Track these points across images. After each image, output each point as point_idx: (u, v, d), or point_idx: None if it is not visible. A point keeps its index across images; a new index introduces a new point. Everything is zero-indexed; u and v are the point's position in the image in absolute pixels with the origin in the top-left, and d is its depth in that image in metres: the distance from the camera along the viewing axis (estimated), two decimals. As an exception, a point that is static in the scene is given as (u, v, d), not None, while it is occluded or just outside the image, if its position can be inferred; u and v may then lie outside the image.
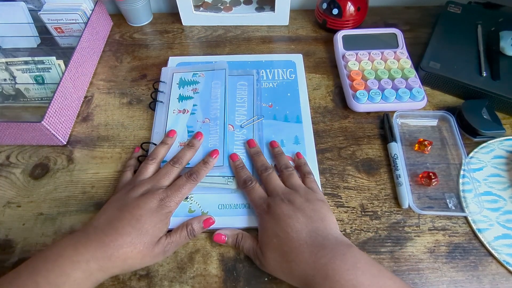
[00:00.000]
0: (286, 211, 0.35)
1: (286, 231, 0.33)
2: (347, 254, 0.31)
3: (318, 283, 0.30)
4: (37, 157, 0.46)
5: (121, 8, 0.61)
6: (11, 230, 0.40)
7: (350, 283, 0.29)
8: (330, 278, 0.30)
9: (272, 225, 0.35)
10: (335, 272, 0.30)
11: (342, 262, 0.30)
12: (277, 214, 0.35)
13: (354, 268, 0.30)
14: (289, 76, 0.53)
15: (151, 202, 0.36)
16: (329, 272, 0.30)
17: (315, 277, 0.30)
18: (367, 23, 0.61)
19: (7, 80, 0.50)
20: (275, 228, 0.34)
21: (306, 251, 0.32)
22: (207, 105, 0.49)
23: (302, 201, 0.36)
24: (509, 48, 0.49)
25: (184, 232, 0.37)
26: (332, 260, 0.31)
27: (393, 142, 0.44)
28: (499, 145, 0.45)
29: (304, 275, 0.31)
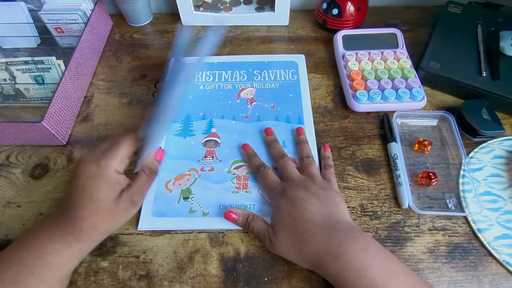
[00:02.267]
0: (301, 195, 0.36)
1: (300, 212, 0.34)
2: (359, 237, 0.32)
3: (330, 262, 0.31)
4: (37, 157, 0.46)
5: (121, 8, 0.61)
6: (11, 230, 0.40)
7: (361, 263, 0.30)
8: (341, 258, 0.31)
9: (286, 206, 0.35)
10: (347, 252, 0.31)
11: (354, 244, 0.31)
12: (292, 197, 0.36)
13: (365, 250, 0.31)
14: (291, 77, 0.53)
15: (89, 168, 0.33)
16: (340, 252, 0.31)
17: (327, 256, 0.31)
18: (367, 23, 0.61)
19: (7, 80, 0.50)
20: (290, 208, 0.35)
21: (319, 232, 0.33)
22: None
23: (317, 188, 0.37)
24: (509, 48, 0.49)
25: (144, 176, 0.36)
26: (344, 241, 0.32)
27: (393, 142, 0.44)
28: (499, 145, 0.45)
29: (316, 254, 0.32)
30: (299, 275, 0.36)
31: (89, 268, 0.37)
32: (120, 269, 0.37)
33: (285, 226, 0.35)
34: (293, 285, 0.36)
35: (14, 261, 0.31)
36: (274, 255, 0.38)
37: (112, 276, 0.37)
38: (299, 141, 0.44)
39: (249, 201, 0.41)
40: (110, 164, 0.34)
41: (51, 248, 0.32)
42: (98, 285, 0.36)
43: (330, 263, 0.31)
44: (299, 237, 0.33)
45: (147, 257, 0.38)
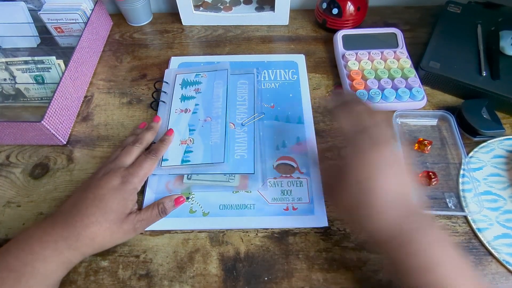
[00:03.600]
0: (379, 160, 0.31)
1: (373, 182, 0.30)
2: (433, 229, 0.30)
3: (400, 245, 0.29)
4: (37, 157, 0.46)
5: (121, 8, 0.61)
6: (11, 230, 0.40)
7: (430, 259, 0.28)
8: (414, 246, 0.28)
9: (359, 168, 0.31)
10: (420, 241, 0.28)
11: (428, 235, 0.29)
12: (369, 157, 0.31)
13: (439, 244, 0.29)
14: (291, 77, 0.53)
15: (113, 181, 0.36)
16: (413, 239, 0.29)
17: (397, 239, 0.29)
18: (367, 23, 0.61)
19: (7, 80, 0.50)
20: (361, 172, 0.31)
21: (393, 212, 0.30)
22: (209, 104, 0.49)
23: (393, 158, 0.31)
24: (509, 48, 0.49)
25: (156, 210, 0.38)
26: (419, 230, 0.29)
27: None
28: (499, 145, 0.45)
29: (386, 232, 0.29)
30: (299, 275, 0.36)
31: (89, 268, 0.37)
32: (120, 269, 0.37)
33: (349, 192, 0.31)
34: (293, 285, 0.36)
35: (1, 267, 0.31)
36: (274, 254, 0.38)
37: (112, 275, 0.37)
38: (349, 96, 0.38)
39: (249, 201, 0.41)
40: (133, 182, 0.37)
41: (41, 255, 0.32)
42: (98, 285, 0.36)
43: (401, 247, 0.29)
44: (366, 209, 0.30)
45: (147, 256, 0.38)
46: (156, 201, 0.39)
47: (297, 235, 0.39)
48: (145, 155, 0.40)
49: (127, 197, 0.36)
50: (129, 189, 0.36)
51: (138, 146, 0.41)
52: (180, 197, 0.40)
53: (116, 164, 0.39)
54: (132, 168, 0.38)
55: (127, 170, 0.38)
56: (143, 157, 0.40)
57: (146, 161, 0.40)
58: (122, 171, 0.38)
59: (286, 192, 0.41)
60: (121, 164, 0.39)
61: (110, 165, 0.39)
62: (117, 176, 0.37)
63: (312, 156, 0.44)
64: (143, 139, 0.43)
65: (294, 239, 0.39)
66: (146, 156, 0.40)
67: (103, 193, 0.35)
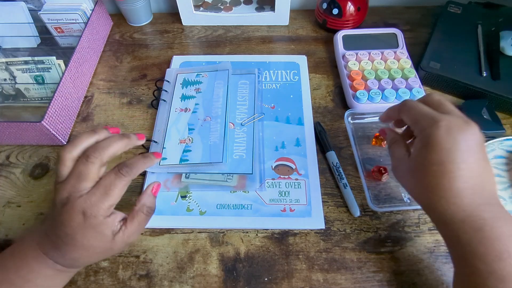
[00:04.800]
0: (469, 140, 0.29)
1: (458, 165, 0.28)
2: (509, 222, 0.28)
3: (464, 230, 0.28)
4: (37, 157, 0.46)
5: (121, 8, 0.61)
6: (11, 230, 0.40)
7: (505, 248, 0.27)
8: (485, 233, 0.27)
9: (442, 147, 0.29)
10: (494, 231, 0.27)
11: (504, 226, 0.27)
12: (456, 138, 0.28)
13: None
14: (292, 78, 0.53)
15: (75, 218, 0.29)
16: (486, 228, 0.27)
17: (464, 223, 0.28)
18: (367, 23, 0.61)
19: (7, 80, 0.50)
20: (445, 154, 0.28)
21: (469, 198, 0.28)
22: (209, 104, 0.49)
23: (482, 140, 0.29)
24: (509, 48, 0.49)
25: (141, 216, 0.32)
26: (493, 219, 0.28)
27: (330, 151, 0.44)
28: (499, 145, 0.45)
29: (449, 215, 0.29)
30: (299, 275, 0.36)
31: (89, 268, 0.37)
32: (120, 269, 0.37)
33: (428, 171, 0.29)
34: (293, 285, 0.36)
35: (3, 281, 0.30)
36: (274, 255, 0.38)
37: (112, 276, 0.37)
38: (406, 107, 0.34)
39: (246, 201, 0.41)
40: (98, 214, 0.30)
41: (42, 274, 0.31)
42: (98, 285, 0.36)
43: (465, 232, 0.28)
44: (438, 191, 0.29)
45: (147, 257, 0.38)
46: (137, 207, 0.33)
47: (297, 235, 0.39)
48: (114, 174, 0.31)
49: (100, 230, 0.30)
50: (97, 223, 0.29)
51: (93, 162, 0.30)
52: (154, 186, 0.35)
53: (70, 191, 0.30)
54: (94, 196, 0.30)
55: (88, 201, 0.29)
56: (111, 178, 0.31)
57: (115, 184, 0.30)
58: (81, 203, 0.29)
59: (283, 193, 0.41)
60: (76, 190, 0.30)
61: (63, 192, 0.30)
62: (76, 212, 0.29)
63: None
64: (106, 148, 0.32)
65: (294, 239, 0.39)
66: (115, 175, 0.31)
67: (71, 232, 0.29)
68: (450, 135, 0.28)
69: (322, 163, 0.44)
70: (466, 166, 0.28)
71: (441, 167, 0.28)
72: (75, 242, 0.30)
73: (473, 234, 0.28)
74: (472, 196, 0.28)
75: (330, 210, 0.41)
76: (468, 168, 0.28)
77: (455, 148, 0.28)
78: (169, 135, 0.46)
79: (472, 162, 0.28)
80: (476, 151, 0.29)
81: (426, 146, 0.29)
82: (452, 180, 0.28)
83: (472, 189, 0.28)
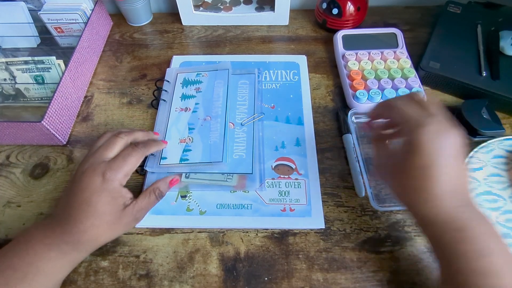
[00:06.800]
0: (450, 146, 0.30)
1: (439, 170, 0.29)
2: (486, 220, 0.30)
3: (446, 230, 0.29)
4: (37, 157, 0.46)
5: (121, 8, 0.61)
6: (11, 230, 0.40)
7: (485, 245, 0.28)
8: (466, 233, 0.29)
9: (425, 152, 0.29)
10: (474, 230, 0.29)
11: (482, 225, 0.29)
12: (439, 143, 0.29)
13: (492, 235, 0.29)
14: (292, 78, 0.53)
15: (94, 180, 0.33)
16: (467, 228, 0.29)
17: (446, 224, 0.29)
18: (367, 23, 0.61)
19: (7, 80, 0.50)
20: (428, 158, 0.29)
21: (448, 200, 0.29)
22: (209, 103, 0.49)
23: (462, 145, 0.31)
24: (509, 48, 0.49)
25: (153, 196, 0.37)
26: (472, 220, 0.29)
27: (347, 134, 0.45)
28: (499, 145, 0.45)
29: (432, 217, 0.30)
30: (299, 275, 0.36)
31: (89, 268, 0.37)
32: (120, 269, 0.37)
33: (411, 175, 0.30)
34: (293, 285, 0.36)
35: (5, 266, 0.31)
36: (274, 255, 0.38)
37: (112, 275, 0.37)
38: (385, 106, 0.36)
39: (246, 201, 0.41)
40: (116, 178, 0.34)
41: (46, 256, 0.31)
42: (98, 285, 0.36)
43: (446, 232, 0.29)
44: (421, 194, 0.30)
45: (147, 256, 0.38)
46: (151, 187, 0.38)
47: (297, 235, 0.39)
48: (131, 147, 0.37)
49: (114, 195, 0.34)
50: (113, 188, 0.34)
51: (122, 138, 0.37)
52: (174, 178, 0.40)
53: (96, 158, 0.35)
54: (114, 163, 0.34)
55: (109, 165, 0.34)
56: (129, 150, 0.36)
57: (132, 154, 0.36)
58: (103, 167, 0.34)
59: (283, 193, 0.41)
60: (101, 157, 0.35)
61: (90, 159, 0.35)
62: (97, 173, 0.33)
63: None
64: (131, 133, 0.39)
65: (294, 239, 0.39)
66: (132, 148, 0.36)
67: (88, 196, 0.33)
68: (436, 140, 0.29)
69: (321, 163, 0.44)
70: (448, 170, 0.29)
71: (426, 171, 0.29)
72: (89, 206, 0.32)
73: (454, 234, 0.29)
74: (452, 199, 0.30)
75: (330, 210, 0.41)
76: (450, 172, 0.30)
77: (440, 153, 0.29)
78: (169, 134, 0.46)
79: (454, 166, 0.30)
80: (457, 155, 0.30)
81: (412, 149, 0.30)
82: (436, 183, 0.29)
83: (452, 192, 0.30)
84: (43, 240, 0.32)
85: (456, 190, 0.30)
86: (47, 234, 0.32)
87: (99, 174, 0.33)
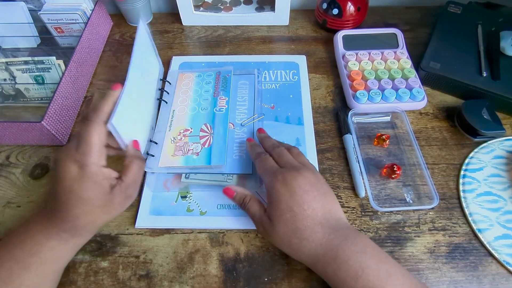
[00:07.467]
0: (302, 185, 0.33)
1: (302, 207, 0.32)
2: (357, 239, 0.32)
3: (327, 262, 0.31)
4: (37, 157, 0.46)
5: (121, 8, 0.61)
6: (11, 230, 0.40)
7: (358, 265, 0.30)
8: (339, 259, 0.31)
9: (286, 197, 0.33)
10: (345, 253, 0.31)
11: (352, 245, 0.31)
12: (292, 186, 0.33)
13: (363, 251, 0.31)
14: (291, 78, 0.53)
15: (70, 169, 0.31)
16: (339, 253, 0.31)
17: (325, 256, 0.31)
18: (367, 23, 0.61)
19: (7, 80, 0.50)
20: (290, 201, 0.33)
21: (319, 230, 0.32)
22: None
23: (314, 179, 0.34)
24: (509, 48, 0.49)
25: (135, 166, 0.35)
26: (343, 242, 0.31)
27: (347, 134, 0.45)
28: (499, 145, 0.45)
29: (314, 254, 0.32)
30: (299, 275, 0.36)
31: (89, 268, 0.37)
32: (120, 269, 0.37)
33: (283, 221, 0.33)
34: (293, 285, 0.36)
35: (7, 258, 0.31)
36: (274, 255, 0.38)
37: (112, 276, 0.37)
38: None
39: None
40: (90, 161, 0.32)
41: (47, 245, 0.32)
42: (98, 285, 0.36)
43: (328, 264, 0.31)
44: (298, 234, 0.32)
45: (147, 257, 0.38)
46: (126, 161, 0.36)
47: (297, 235, 0.39)
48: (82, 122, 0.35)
49: (96, 180, 0.32)
50: (92, 172, 0.32)
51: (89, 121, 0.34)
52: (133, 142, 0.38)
53: (67, 146, 0.33)
54: (80, 147, 0.32)
55: (77, 151, 0.32)
56: (82, 126, 0.33)
57: (88, 131, 0.32)
58: (73, 154, 0.32)
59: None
60: (70, 145, 0.33)
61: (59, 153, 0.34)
62: (70, 162, 0.32)
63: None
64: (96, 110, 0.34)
65: (294, 239, 0.39)
66: (83, 123, 0.34)
67: (69, 185, 0.31)
68: (287, 185, 0.33)
69: (321, 163, 0.44)
70: (308, 206, 0.32)
71: (292, 213, 0.32)
72: (73, 195, 0.31)
73: (333, 263, 0.31)
74: (322, 229, 0.32)
75: (330, 210, 0.40)
76: (310, 206, 0.32)
77: (294, 194, 0.33)
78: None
79: (311, 200, 0.33)
80: (311, 190, 0.33)
81: (273, 199, 0.34)
82: (304, 220, 0.32)
83: (320, 223, 0.32)
84: (42, 230, 0.32)
85: (323, 219, 0.32)
86: (44, 223, 0.33)
87: (72, 162, 0.32)
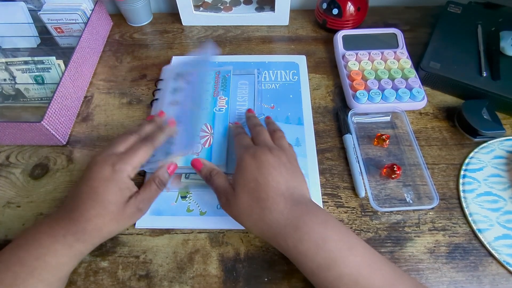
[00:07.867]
0: (271, 161, 0.35)
1: (267, 178, 0.33)
2: (319, 212, 0.33)
3: (288, 234, 0.31)
4: (37, 157, 0.46)
5: (121, 8, 0.61)
6: (11, 230, 0.40)
7: (319, 235, 0.30)
8: (300, 230, 0.31)
9: (253, 168, 0.34)
10: (306, 224, 0.31)
11: (314, 217, 0.32)
12: (261, 160, 0.35)
13: (325, 224, 0.31)
14: (291, 78, 0.53)
15: (104, 170, 0.34)
16: (300, 224, 0.31)
17: (286, 227, 0.31)
18: (367, 23, 0.61)
19: (7, 80, 0.50)
20: (256, 172, 0.34)
21: (282, 202, 0.32)
22: (199, 96, 0.48)
23: (287, 160, 0.36)
24: (509, 48, 0.49)
25: (154, 186, 0.37)
26: (305, 214, 0.32)
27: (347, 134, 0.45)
28: (499, 145, 0.45)
29: (275, 225, 0.32)
30: (299, 275, 0.36)
31: (89, 268, 0.37)
32: (120, 269, 0.37)
33: (247, 190, 0.33)
34: (293, 285, 0.36)
35: (13, 262, 0.31)
36: (274, 255, 0.38)
37: (112, 276, 0.37)
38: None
39: None
40: (125, 169, 0.35)
41: (52, 249, 0.32)
42: (98, 285, 0.36)
43: (289, 235, 0.31)
44: (260, 203, 0.32)
45: (147, 257, 0.38)
46: (151, 177, 0.38)
47: (297, 235, 0.39)
48: (141, 141, 0.38)
49: (121, 186, 0.34)
50: (121, 178, 0.34)
51: (134, 136, 0.39)
52: (172, 164, 0.39)
53: (108, 150, 0.36)
54: (124, 155, 0.36)
55: (119, 157, 0.35)
56: (139, 144, 0.38)
57: (141, 148, 0.37)
58: (114, 158, 0.35)
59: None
60: (112, 150, 0.36)
61: (103, 152, 0.36)
62: (107, 164, 0.34)
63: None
64: (141, 129, 0.40)
65: (294, 239, 0.39)
66: (141, 142, 0.38)
67: (96, 185, 0.33)
68: (256, 158, 0.35)
69: (321, 163, 0.44)
70: (273, 178, 0.33)
71: (256, 183, 0.33)
72: (96, 195, 0.33)
73: (294, 235, 0.31)
74: (285, 201, 0.32)
75: (330, 210, 0.41)
76: (275, 179, 0.33)
77: (261, 166, 0.34)
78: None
79: (277, 174, 0.34)
80: (279, 167, 0.34)
81: (240, 169, 0.35)
82: (267, 190, 0.33)
83: (283, 195, 0.33)
84: (48, 232, 0.33)
85: (286, 192, 0.33)
86: (52, 225, 0.33)
87: (109, 164, 0.34)
